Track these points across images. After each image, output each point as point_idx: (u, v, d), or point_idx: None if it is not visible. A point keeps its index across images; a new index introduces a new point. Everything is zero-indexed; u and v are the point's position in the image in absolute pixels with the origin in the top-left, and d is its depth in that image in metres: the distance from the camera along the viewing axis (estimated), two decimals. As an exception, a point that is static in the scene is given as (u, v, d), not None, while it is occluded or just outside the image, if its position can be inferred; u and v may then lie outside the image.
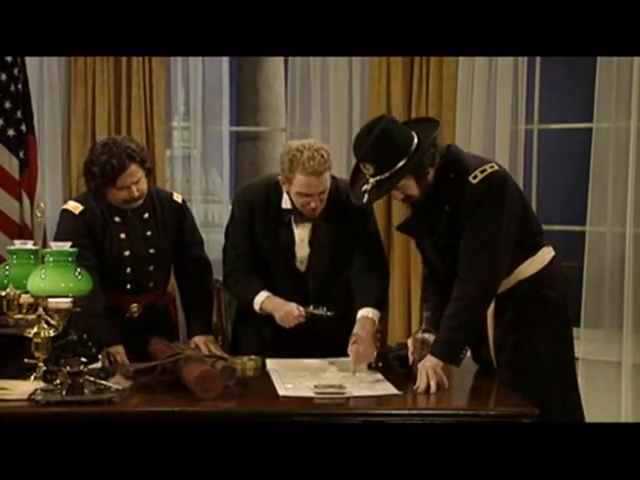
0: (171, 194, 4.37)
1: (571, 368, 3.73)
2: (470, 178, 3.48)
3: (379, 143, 3.44)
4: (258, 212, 3.99)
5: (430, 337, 3.55)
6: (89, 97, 5.35)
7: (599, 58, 5.09)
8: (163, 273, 4.24)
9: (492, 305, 3.60)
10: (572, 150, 5.78)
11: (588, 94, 5.16)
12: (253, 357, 3.78)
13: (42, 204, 3.64)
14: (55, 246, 3.34)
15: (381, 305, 3.98)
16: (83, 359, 3.55)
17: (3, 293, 3.34)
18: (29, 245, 3.53)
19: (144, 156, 4.06)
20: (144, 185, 4.05)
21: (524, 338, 3.57)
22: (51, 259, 3.31)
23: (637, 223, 5.05)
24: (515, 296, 3.59)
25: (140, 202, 4.07)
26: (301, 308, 3.82)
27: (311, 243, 4.00)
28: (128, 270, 4.07)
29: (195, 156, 5.54)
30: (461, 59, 5.30)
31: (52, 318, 3.29)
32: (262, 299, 3.93)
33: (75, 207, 4.04)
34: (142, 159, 4.03)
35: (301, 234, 3.99)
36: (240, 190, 4.22)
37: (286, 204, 3.96)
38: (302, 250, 4.00)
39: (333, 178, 3.97)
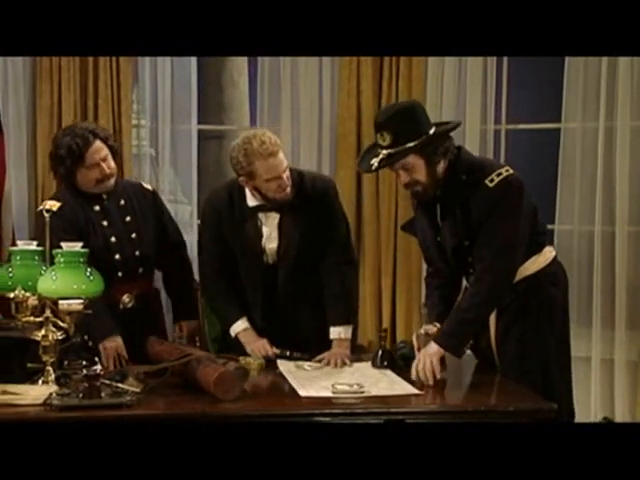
0: (140, 184, 4.50)
1: (569, 366, 3.79)
2: (486, 181, 3.54)
3: (403, 115, 3.56)
4: (224, 213, 4.05)
5: (432, 329, 3.64)
6: (55, 94, 5.23)
7: (567, 58, 5.18)
8: (149, 259, 4.24)
9: None
10: (541, 150, 5.85)
11: (556, 94, 5.25)
12: (257, 358, 3.75)
13: (49, 203, 3.54)
14: (66, 246, 3.25)
15: (352, 316, 4.11)
16: (84, 362, 3.54)
17: (11, 295, 3.24)
18: (33, 246, 3.42)
19: (108, 135, 4.15)
20: (113, 164, 4.10)
21: (528, 333, 3.63)
22: (62, 260, 3.22)
23: (605, 221, 5.17)
24: (518, 292, 3.64)
25: (112, 181, 4.10)
26: (275, 350, 3.92)
27: (280, 234, 4.02)
28: (117, 256, 4.09)
29: (163, 155, 5.46)
30: (430, 59, 5.33)
31: (63, 320, 3.21)
32: (239, 329, 4.03)
33: (52, 205, 3.96)
34: (106, 137, 4.10)
35: (269, 227, 4.02)
36: (207, 197, 4.27)
37: (252, 201, 3.99)
38: (271, 242, 4.04)
39: (298, 171, 4.08)
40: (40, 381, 3.27)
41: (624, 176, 5.10)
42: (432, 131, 3.60)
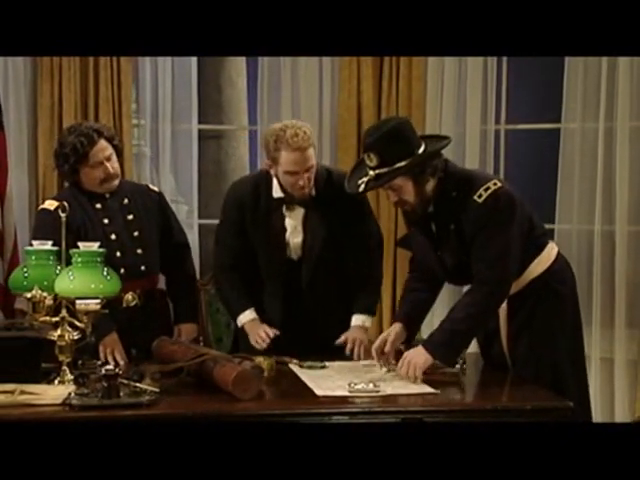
0: (147, 185, 4.51)
1: (583, 363, 3.81)
2: (475, 197, 3.49)
3: (390, 136, 3.48)
4: (247, 205, 4.01)
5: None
6: (56, 94, 5.23)
7: (567, 58, 5.21)
8: (152, 257, 4.21)
9: (504, 304, 3.65)
10: (541, 150, 5.89)
11: (556, 95, 5.28)
12: (268, 357, 3.75)
13: (65, 203, 3.53)
14: (83, 246, 3.24)
15: (374, 309, 4.16)
16: (99, 362, 3.53)
17: (28, 295, 3.23)
18: (48, 245, 3.41)
19: (112, 134, 4.12)
20: (117, 164, 4.09)
21: (539, 334, 3.63)
22: (79, 259, 3.20)
23: (605, 221, 5.21)
24: (527, 295, 3.64)
25: (117, 182, 4.09)
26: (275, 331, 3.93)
27: (304, 229, 4.00)
28: (118, 254, 4.04)
29: (163, 154, 5.46)
30: (430, 59, 5.36)
31: (80, 320, 3.21)
32: (246, 320, 4.02)
33: (51, 204, 3.98)
34: (111, 136, 4.08)
35: (293, 221, 4.00)
36: (229, 188, 4.21)
37: (277, 193, 3.97)
38: (295, 237, 4.01)
39: (326, 167, 4.08)
40: (56, 381, 3.26)
41: (624, 176, 5.14)
42: (421, 149, 3.54)
